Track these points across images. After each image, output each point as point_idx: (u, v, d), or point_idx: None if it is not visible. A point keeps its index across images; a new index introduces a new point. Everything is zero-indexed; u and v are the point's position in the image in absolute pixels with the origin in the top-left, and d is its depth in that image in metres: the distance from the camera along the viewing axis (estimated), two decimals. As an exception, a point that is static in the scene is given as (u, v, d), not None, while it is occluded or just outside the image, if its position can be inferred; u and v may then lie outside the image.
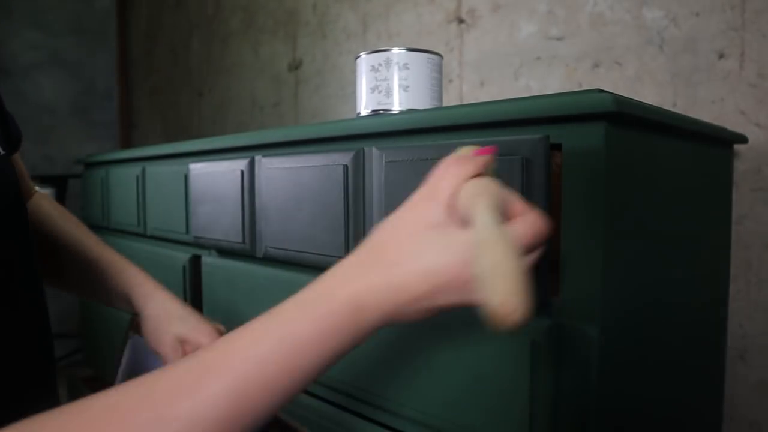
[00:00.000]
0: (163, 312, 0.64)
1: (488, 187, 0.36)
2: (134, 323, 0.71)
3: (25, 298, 0.50)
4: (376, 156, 0.65)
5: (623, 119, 0.50)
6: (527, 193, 0.51)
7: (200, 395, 0.30)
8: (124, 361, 0.73)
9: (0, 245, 0.44)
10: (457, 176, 0.36)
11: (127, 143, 2.81)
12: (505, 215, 0.35)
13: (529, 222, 0.35)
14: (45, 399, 0.52)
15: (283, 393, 0.32)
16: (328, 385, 0.71)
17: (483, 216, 0.33)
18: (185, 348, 0.63)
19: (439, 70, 0.81)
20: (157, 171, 1.13)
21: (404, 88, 0.77)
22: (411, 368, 0.60)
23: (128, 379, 0.31)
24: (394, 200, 0.62)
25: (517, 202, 0.36)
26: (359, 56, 0.80)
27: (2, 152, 0.47)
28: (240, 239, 0.86)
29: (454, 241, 0.34)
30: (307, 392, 0.76)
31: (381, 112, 0.79)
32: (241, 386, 0.31)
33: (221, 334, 0.66)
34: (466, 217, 0.35)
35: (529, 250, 0.35)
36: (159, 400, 0.29)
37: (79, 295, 0.53)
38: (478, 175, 0.37)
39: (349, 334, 0.33)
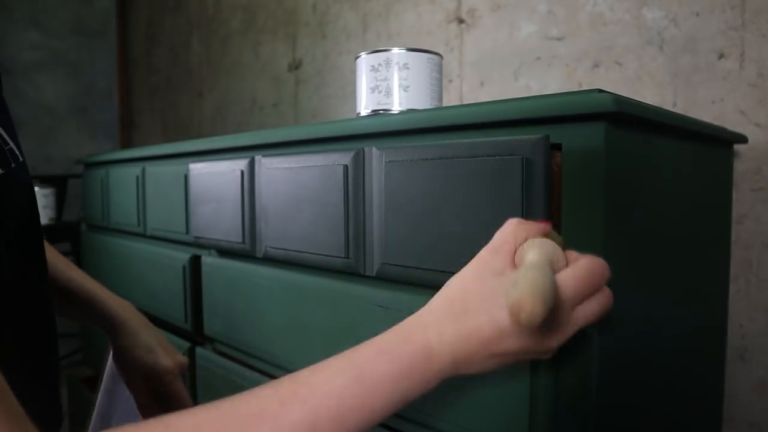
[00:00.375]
0: (133, 343, 0.68)
1: (544, 243, 0.39)
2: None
3: (35, 301, 0.50)
4: (376, 156, 0.65)
5: (623, 119, 0.50)
6: (527, 193, 0.51)
7: (280, 422, 0.31)
8: (104, 378, 0.74)
9: (16, 249, 0.44)
10: (519, 232, 0.40)
11: (127, 143, 2.81)
12: (559, 265, 0.38)
13: (579, 264, 0.38)
14: (48, 398, 0.52)
15: (352, 430, 0.33)
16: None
17: (531, 257, 0.37)
18: (149, 385, 0.68)
19: (439, 70, 0.81)
20: (157, 171, 1.13)
21: (404, 88, 0.77)
22: (411, 368, 0.60)
23: (109, 393, 0.32)
24: (394, 200, 0.62)
25: (573, 256, 0.39)
26: (359, 56, 0.80)
27: (21, 159, 0.48)
28: (240, 239, 0.86)
29: None
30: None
31: (381, 112, 0.79)
32: (317, 418, 0.32)
33: (183, 368, 0.70)
34: (520, 263, 0.38)
35: (582, 292, 0.37)
36: (242, 424, 0.31)
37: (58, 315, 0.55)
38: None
39: (421, 379, 0.35)
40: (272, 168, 0.79)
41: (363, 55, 0.80)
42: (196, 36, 2.23)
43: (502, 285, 0.37)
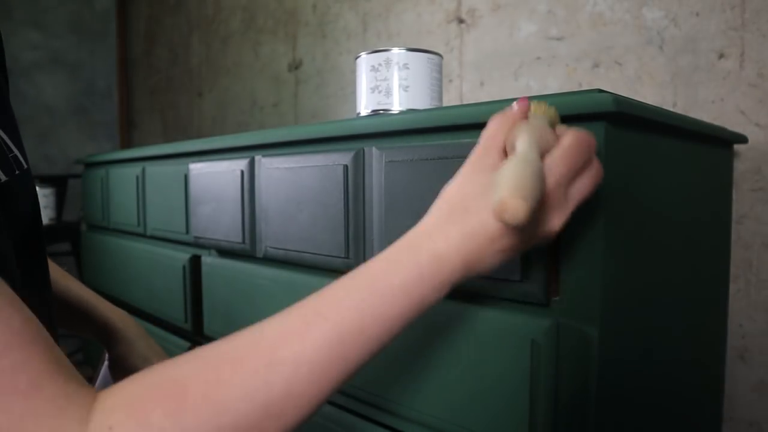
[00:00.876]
0: (129, 353, 0.67)
1: (531, 125, 0.40)
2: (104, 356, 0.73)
3: (39, 307, 0.51)
4: (376, 156, 0.65)
5: (623, 119, 0.50)
6: (527, 193, 0.51)
7: (306, 340, 0.33)
8: (97, 386, 0.74)
9: (19, 257, 0.45)
10: (504, 123, 0.41)
11: (127, 143, 2.81)
12: (549, 144, 0.40)
13: (565, 143, 0.39)
14: None
15: (376, 340, 0.35)
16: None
17: (519, 146, 0.38)
18: None
19: (439, 70, 0.81)
20: (157, 171, 1.13)
21: (404, 88, 0.77)
22: (411, 369, 0.60)
23: None
24: (394, 200, 0.62)
25: (561, 130, 0.41)
26: (359, 56, 0.80)
27: (25, 166, 0.48)
28: (240, 239, 0.86)
29: None
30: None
31: (381, 112, 0.79)
32: (341, 332, 0.34)
33: None
34: (511, 153, 0.39)
35: (572, 169, 0.39)
36: (269, 345, 0.32)
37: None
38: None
39: (433, 285, 0.36)
40: (272, 168, 0.79)
41: (363, 55, 0.80)
42: (196, 36, 2.23)
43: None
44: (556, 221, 0.39)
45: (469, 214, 0.37)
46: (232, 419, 0.30)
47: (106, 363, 0.73)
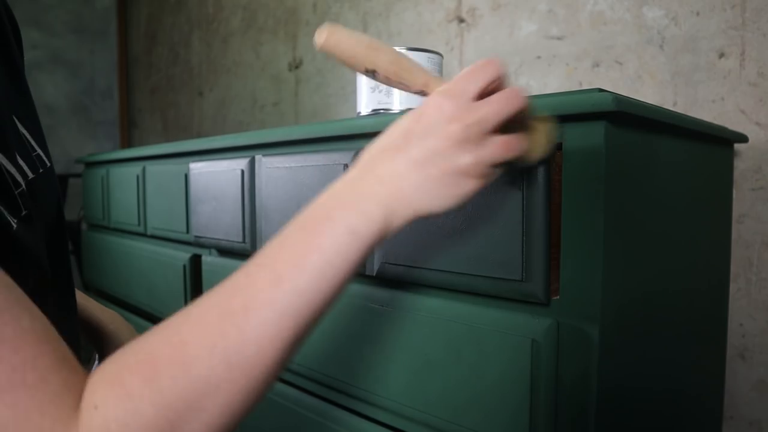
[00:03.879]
0: None
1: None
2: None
3: (63, 302, 0.51)
4: (376, 155, 0.65)
5: (623, 118, 0.50)
6: (527, 192, 0.51)
7: (249, 289, 0.35)
8: None
9: (49, 253, 0.45)
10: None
11: (127, 143, 2.81)
12: None
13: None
14: None
15: (316, 274, 0.36)
16: (328, 385, 0.71)
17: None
18: None
19: (440, 69, 0.81)
20: (157, 170, 1.13)
21: (404, 88, 0.77)
22: (411, 368, 0.60)
23: None
24: (394, 199, 0.62)
25: None
26: (359, 55, 0.80)
27: (48, 164, 0.49)
28: (240, 239, 0.86)
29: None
30: (313, 394, 0.76)
31: (381, 111, 0.79)
32: (279, 273, 0.36)
33: None
34: None
35: (472, 78, 0.40)
36: (219, 301, 0.35)
37: None
38: None
39: (357, 210, 0.38)
40: (272, 167, 0.79)
41: (363, 54, 0.80)
42: (197, 35, 2.23)
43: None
44: (456, 129, 0.39)
45: (387, 149, 0.40)
46: (200, 373, 0.32)
47: (96, 364, 0.73)
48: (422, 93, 0.44)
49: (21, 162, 0.41)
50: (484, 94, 0.40)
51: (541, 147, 0.43)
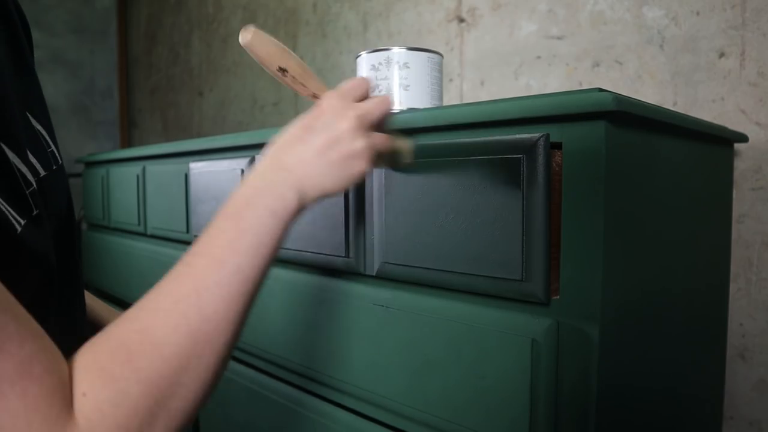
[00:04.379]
0: None
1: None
2: None
3: (72, 299, 0.52)
4: (376, 155, 0.65)
5: (623, 118, 0.50)
6: (527, 192, 0.51)
7: (195, 274, 0.40)
8: None
9: (59, 256, 0.46)
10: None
11: (127, 142, 2.81)
12: None
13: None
14: None
15: (250, 254, 0.41)
16: (328, 384, 0.71)
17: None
18: None
19: (440, 69, 0.81)
20: (157, 170, 1.13)
21: (404, 87, 0.77)
22: (411, 368, 0.60)
23: None
24: (394, 199, 0.62)
25: None
26: (359, 55, 0.80)
27: (60, 161, 0.50)
28: (240, 238, 0.86)
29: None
30: (312, 393, 0.76)
31: (381, 111, 0.78)
32: (218, 257, 0.41)
33: None
34: None
35: (349, 91, 0.51)
36: (171, 289, 0.39)
37: None
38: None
39: (274, 194, 0.44)
40: (272, 167, 0.79)
41: (363, 54, 0.80)
42: (197, 35, 2.23)
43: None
44: (345, 121, 0.48)
45: (290, 142, 0.48)
46: (171, 351, 0.35)
47: None
48: (314, 96, 0.53)
49: (33, 159, 0.42)
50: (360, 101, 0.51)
51: (407, 156, 0.56)
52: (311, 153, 0.47)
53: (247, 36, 0.49)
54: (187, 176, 1.01)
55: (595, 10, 1.04)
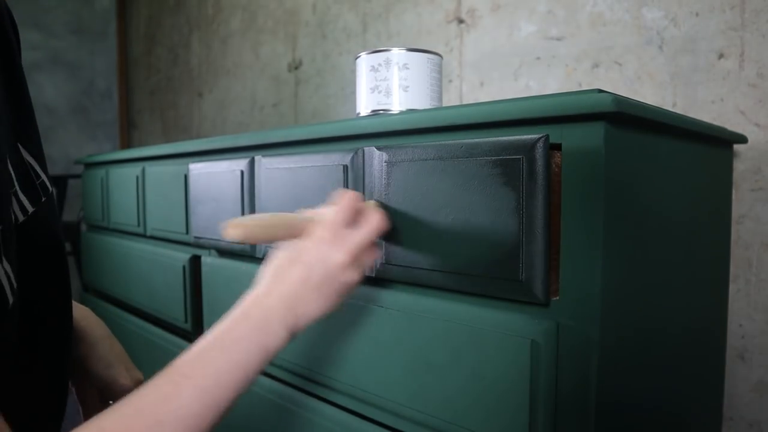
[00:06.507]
0: (90, 354, 0.64)
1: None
2: None
3: (54, 340, 0.51)
4: (375, 156, 0.65)
5: (623, 119, 0.50)
6: (527, 193, 0.51)
7: (178, 399, 0.40)
8: None
9: (44, 278, 0.46)
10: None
11: (126, 143, 2.81)
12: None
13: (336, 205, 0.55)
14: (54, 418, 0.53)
15: (234, 386, 0.43)
16: (327, 385, 0.71)
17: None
18: (102, 398, 0.65)
19: (439, 70, 0.81)
20: (157, 171, 1.13)
21: (404, 88, 0.77)
22: (411, 369, 0.60)
23: None
24: (393, 200, 0.62)
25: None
26: (359, 56, 0.80)
27: (50, 189, 0.50)
28: (240, 239, 0.86)
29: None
30: (312, 394, 0.76)
31: (381, 112, 0.79)
32: (204, 386, 0.41)
33: (139, 382, 0.65)
34: None
35: (341, 217, 0.53)
36: (150, 410, 0.39)
37: None
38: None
39: (268, 331, 0.46)
40: (272, 168, 0.79)
41: (363, 55, 0.80)
42: (196, 36, 2.23)
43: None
44: (337, 252, 0.51)
45: (286, 272, 0.50)
46: None
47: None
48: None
49: (22, 197, 0.43)
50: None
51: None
52: (306, 288, 0.49)
53: (238, 233, 0.51)
54: (186, 177, 1.01)
55: (594, 11, 1.04)
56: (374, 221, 0.55)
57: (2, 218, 0.37)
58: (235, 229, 0.50)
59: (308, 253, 0.51)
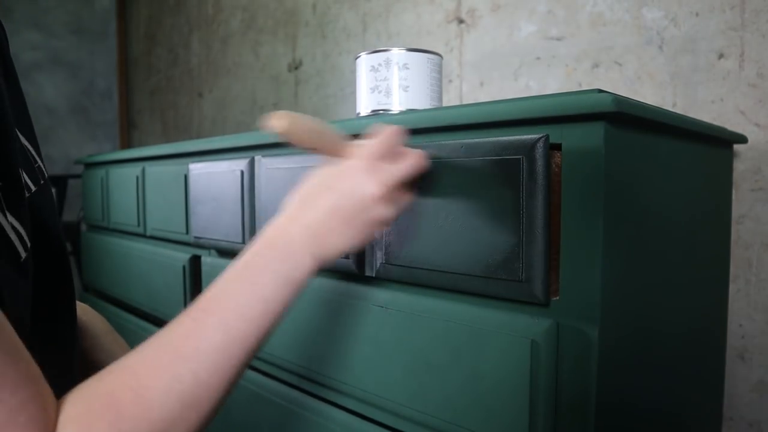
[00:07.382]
0: (93, 346, 0.64)
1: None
2: None
3: (63, 307, 0.51)
4: (375, 156, 0.65)
5: (623, 119, 0.50)
6: (527, 193, 0.51)
7: (200, 335, 0.39)
8: None
9: (46, 269, 0.46)
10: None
11: (126, 143, 2.81)
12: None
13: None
14: None
15: (258, 321, 0.41)
16: (327, 385, 0.71)
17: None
18: None
19: (439, 70, 0.81)
20: (157, 171, 1.13)
21: (404, 88, 0.77)
22: (411, 369, 0.60)
23: None
24: (393, 200, 0.62)
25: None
26: (359, 56, 0.80)
27: (46, 175, 0.50)
28: (240, 239, 0.86)
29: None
30: (311, 394, 0.76)
31: (381, 112, 0.79)
32: (226, 320, 0.40)
33: None
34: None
35: (379, 149, 0.49)
36: (172, 346, 0.38)
37: None
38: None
39: (294, 260, 0.44)
40: (272, 168, 0.79)
41: (363, 55, 0.80)
42: (196, 36, 2.23)
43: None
44: (370, 183, 0.47)
45: (315, 199, 0.47)
46: (158, 414, 0.35)
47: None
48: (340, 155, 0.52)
49: (25, 176, 0.42)
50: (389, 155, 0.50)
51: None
52: (334, 217, 0.46)
53: (283, 124, 0.47)
54: (186, 177, 1.01)
55: (594, 11, 1.04)
56: (413, 158, 0.51)
57: (11, 174, 0.37)
58: (279, 120, 0.46)
59: (341, 181, 0.47)
